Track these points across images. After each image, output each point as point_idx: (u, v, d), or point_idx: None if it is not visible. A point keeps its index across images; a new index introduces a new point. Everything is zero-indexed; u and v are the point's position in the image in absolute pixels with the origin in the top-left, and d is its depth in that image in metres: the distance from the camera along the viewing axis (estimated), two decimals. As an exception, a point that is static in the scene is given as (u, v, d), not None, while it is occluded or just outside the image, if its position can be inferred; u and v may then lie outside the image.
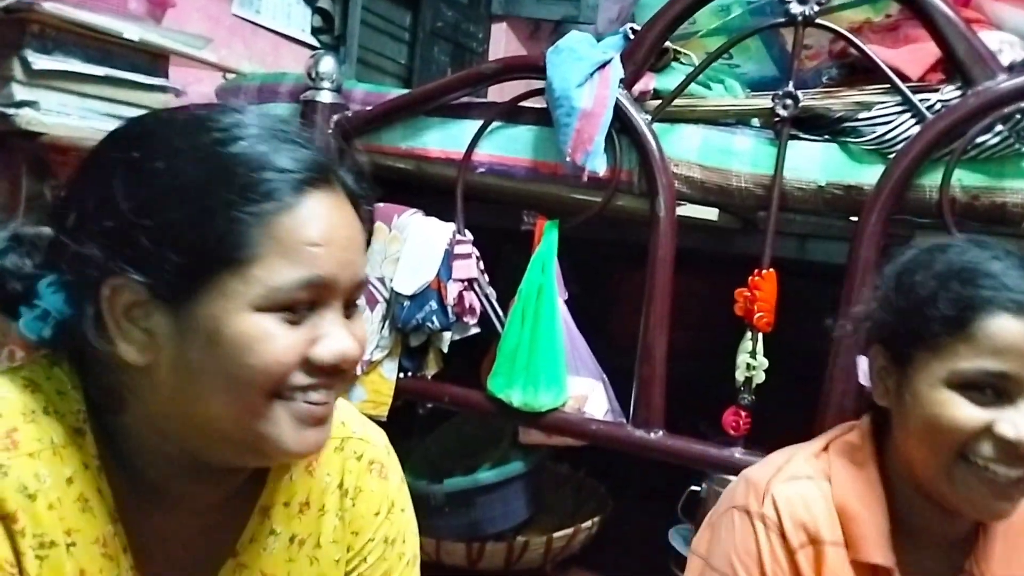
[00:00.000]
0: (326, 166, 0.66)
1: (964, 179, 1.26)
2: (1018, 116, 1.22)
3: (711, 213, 1.44)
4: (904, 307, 0.81)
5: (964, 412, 0.75)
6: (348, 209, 0.67)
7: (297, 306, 0.62)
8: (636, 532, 1.82)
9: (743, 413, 1.38)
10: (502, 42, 3.61)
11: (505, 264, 1.66)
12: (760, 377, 1.38)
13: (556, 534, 1.84)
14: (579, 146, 1.44)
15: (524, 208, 1.56)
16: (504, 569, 1.87)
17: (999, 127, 1.23)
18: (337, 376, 0.66)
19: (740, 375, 1.38)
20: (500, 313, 1.58)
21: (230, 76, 1.90)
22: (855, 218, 1.32)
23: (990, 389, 0.75)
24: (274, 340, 0.61)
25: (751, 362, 1.37)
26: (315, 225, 0.63)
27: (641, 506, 1.84)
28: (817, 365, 1.33)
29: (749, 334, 1.38)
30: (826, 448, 0.89)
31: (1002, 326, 0.75)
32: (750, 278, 1.36)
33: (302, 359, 0.63)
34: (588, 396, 1.53)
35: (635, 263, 1.52)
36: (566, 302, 1.57)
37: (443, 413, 2.18)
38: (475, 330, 1.62)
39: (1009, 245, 1.20)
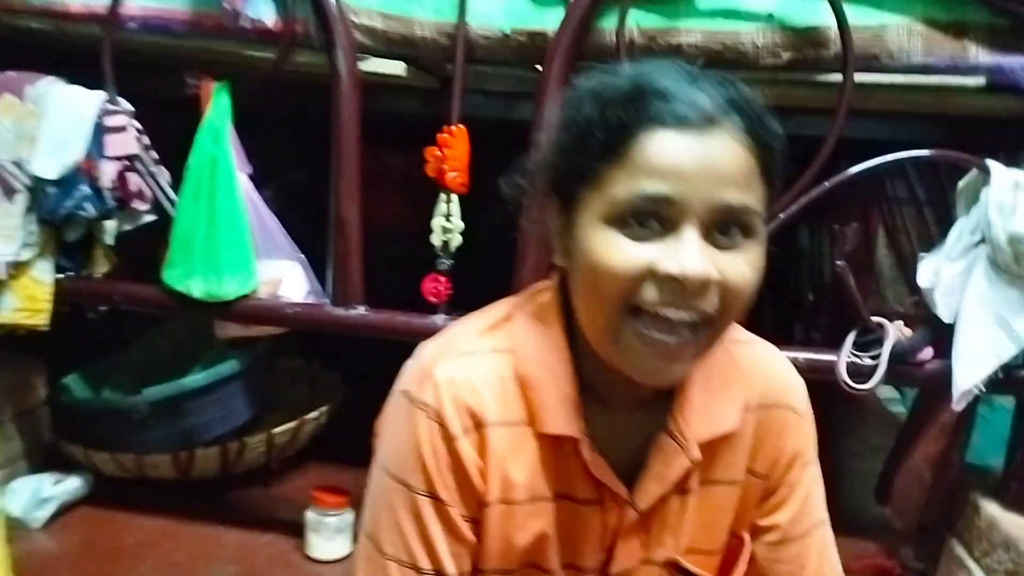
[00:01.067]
0: None
1: (641, 21, 1.24)
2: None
3: (399, 68, 1.32)
4: (567, 142, 0.68)
5: (623, 252, 0.63)
6: None
7: None
8: (370, 418, 1.76)
9: (442, 279, 1.32)
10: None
11: (184, 139, 1.45)
12: (457, 240, 1.31)
13: (277, 430, 1.73)
14: (241, -8, 1.25)
15: (191, 69, 1.35)
16: (223, 474, 1.74)
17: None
18: None
19: (436, 240, 1.31)
20: (174, 196, 1.39)
21: None
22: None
23: (652, 219, 0.63)
24: None
25: (446, 225, 1.30)
26: None
27: (377, 391, 1.78)
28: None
29: (443, 196, 1.30)
30: (510, 316, 0.78)
31: (662, 142, 0.62)
32: (439, 135, 1.27)
33: None
34: (284, 279, 1.40)
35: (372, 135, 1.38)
36: (252, 177, 1.41)
37: (154, 318, 1.97)
38: (149, 218, 1.42)
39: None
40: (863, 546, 1.58)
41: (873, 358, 1.22)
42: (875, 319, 1.24)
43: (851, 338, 1.25)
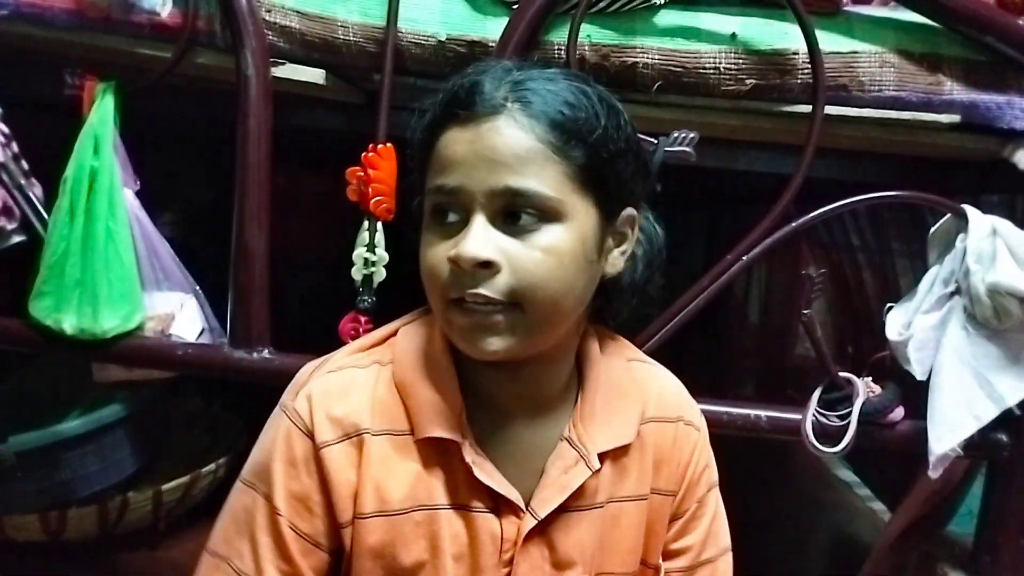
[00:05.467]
0: None
1: (593, 35, 1.11)
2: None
3: (317, 76, 1.16)
4: (413, 149, 0.73)
5: (433, 249, 0.68)
6: None
7: None
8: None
9: (363, 319, 1.15)
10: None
11: (61, 148, 1.25)
12: (381, 274, 1.15)
13: (166, 486, 1.52)
14: (136, -19, 1.08)
15: (71, 67, 1.16)
16: (103, 536, 1.51)
17: (629, -23, 1.09)
18: None
19: (357, 273, 1.14)
20: (46, 214, 1.18)
21: None
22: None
23: (451, 212, 0.67)
24: None
25: (369, 256, 1.14)
26: None
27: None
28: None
29: (366, 224, 1.14)
30: (395, 331, 0.79)
31: (449, 138, 0.67)
32: (363, 155, 1.11)
33: None
34: (175, 314, 1.20)
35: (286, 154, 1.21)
36: (146, 196, 1.21)
37: (20, 357, 1.73)
38: (16, 238, 1.20)
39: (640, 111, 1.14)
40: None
41: (840, 417, 1.10)
42: (843, 375, 1.12)
43: (816, 395, 1.13)
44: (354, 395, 0.72)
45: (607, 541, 0.76)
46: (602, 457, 0.74)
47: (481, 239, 0.65)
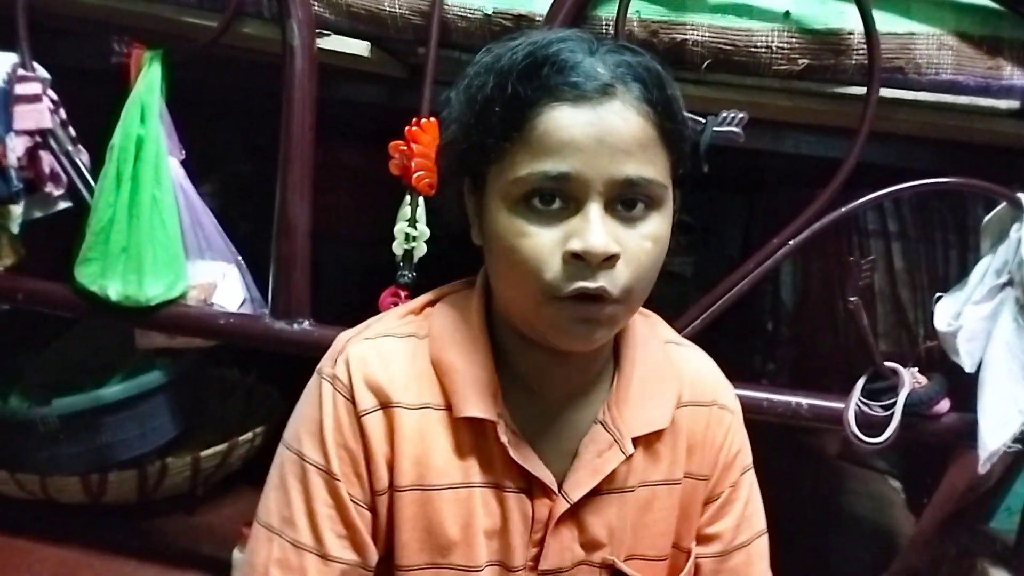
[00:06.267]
0: None
1: (643, 11, 1.09)
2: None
3: (362, 48, 1.16)
4: (471, 119, 0.67)
5: (533, 240, 0.63)
6: None
7: None
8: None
9: (403, 293, 1.15)
10: None
11: (108, 116, 1.26)
12: (422, 249, 1.15)
13: (205, 452, 1.54)
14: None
15: (119, 35, 1.16)
16: (141, 500, 1.54)
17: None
18: None
19: (398, 248, 1.14)
20: (92, 181, 1.20)
21: None
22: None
23: (556, 197, 0.63)
24: None
25: (410, 231, 1.14)
26: None
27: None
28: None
29: (408, 198, 1.14)
30: (433, 303, 0.77)
31: (558, 119, 0.62)
32: (407, 128, 1.11)
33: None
34: (217, 284, 1.21)
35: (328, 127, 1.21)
36: (187, 165, 1.22)
37: (65, 321, 1.76)
38: (63, 204, 1.22)
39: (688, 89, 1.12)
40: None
41: (884, 407, 1.08)
42: (888, 364, 1.10)
43: (860, 384, 1.11)
44: (392, 366, 0.71)
45: (638, 525, 0.75)
46: (635, 441, 0.73)
47: (604, 231, 0.62)
